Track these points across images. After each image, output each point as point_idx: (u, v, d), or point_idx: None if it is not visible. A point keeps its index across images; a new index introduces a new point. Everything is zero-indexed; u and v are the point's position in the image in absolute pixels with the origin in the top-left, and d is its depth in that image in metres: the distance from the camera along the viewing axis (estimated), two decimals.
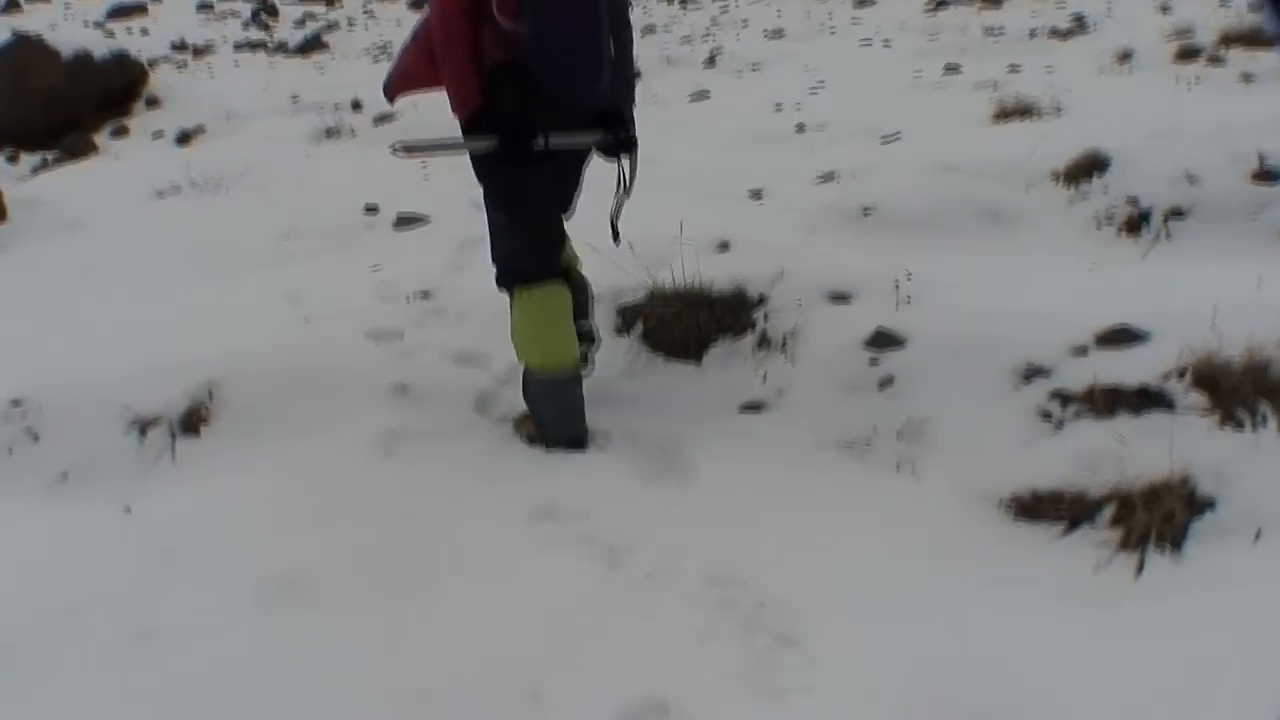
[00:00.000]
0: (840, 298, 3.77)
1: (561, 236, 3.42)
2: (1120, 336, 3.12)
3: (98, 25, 38.40)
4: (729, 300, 3.82)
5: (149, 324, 4.40)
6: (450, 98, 3.07)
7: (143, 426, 3.43)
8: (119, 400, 3.50)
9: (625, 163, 3.36)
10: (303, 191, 7.46)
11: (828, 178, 5.65)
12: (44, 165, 13.31)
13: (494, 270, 3.38)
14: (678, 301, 3.80)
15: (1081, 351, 3.09)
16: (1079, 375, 2.97)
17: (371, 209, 6.36)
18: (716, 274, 3.93)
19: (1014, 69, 9.41)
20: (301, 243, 5.81)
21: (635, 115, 3.35)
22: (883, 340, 3.45)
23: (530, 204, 3.24)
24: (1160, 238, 4.36)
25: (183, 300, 4.85)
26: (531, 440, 3.32)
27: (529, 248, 3.29)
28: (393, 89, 3.30)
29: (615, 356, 3.82)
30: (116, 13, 40.44)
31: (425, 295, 4.57)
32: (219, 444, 3.38)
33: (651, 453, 3.14)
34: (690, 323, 3.72)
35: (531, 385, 3.32)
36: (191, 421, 3.45)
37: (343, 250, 5.58)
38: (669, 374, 3.74)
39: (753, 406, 3.42)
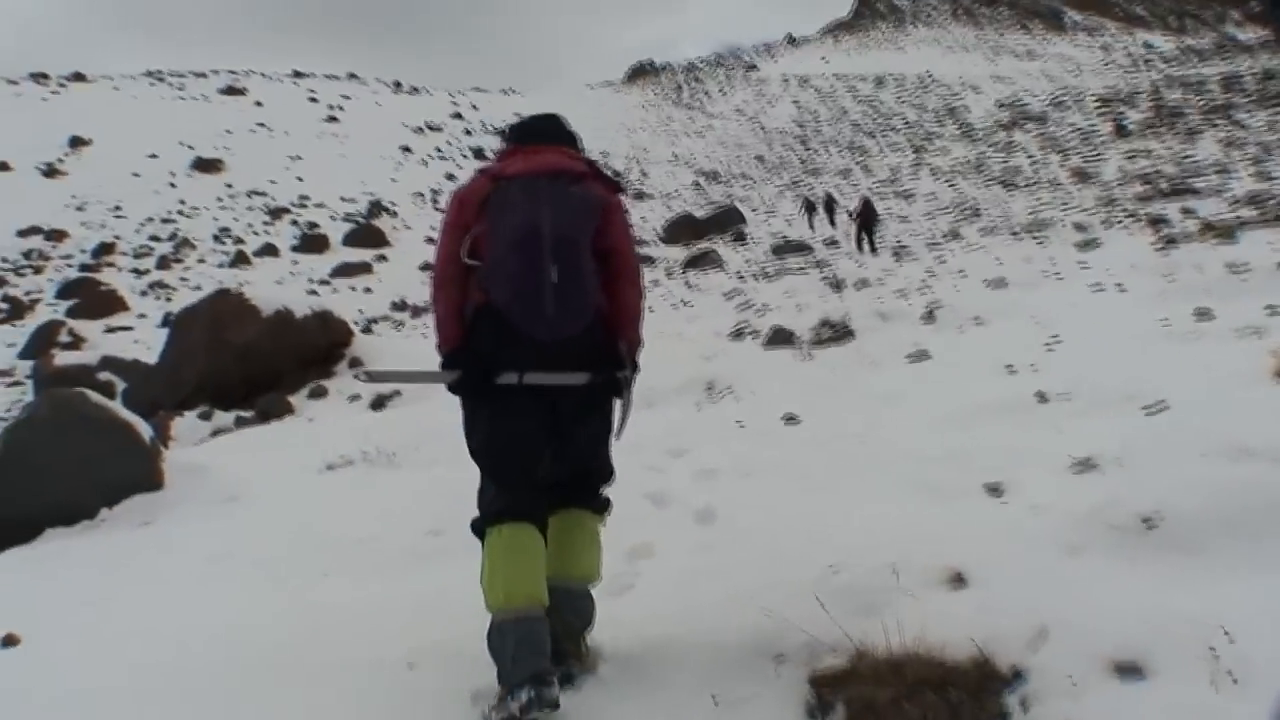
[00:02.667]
0: (1130, 670, 2.64)
1: (535, 478, 3.37)
2: None
3: (323, 282, 41.44)
4: (968, 676, 2.70)
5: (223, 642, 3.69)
6: (436, 336, 3.41)
7: None
8: None
9: (620, 404, 3.41)
10: (470, 472, 6.87)
11: (1085, 466, 4.52)
12: (235, 425, 13.39)
13: None
14: (894, 677, 2.73)
15: None
16: None
17: None
18: (948, 630, 2.87)
19: (1273, 311, 8.14)
20: (448, 540, 5.02)
21: (637, 352, 3.46)
22: None
23: (495, 440, 3.35)
24: None
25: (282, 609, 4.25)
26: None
27: (496, 486, 3.36)
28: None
29: None
30: (342, 270, 43.45)
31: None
32: None
33: None
34: (914, 715, 2.64)
35: (492, 631, 3.12)
36: None
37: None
38: None
39: None
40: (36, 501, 7.09)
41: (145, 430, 8.02)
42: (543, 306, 3.17)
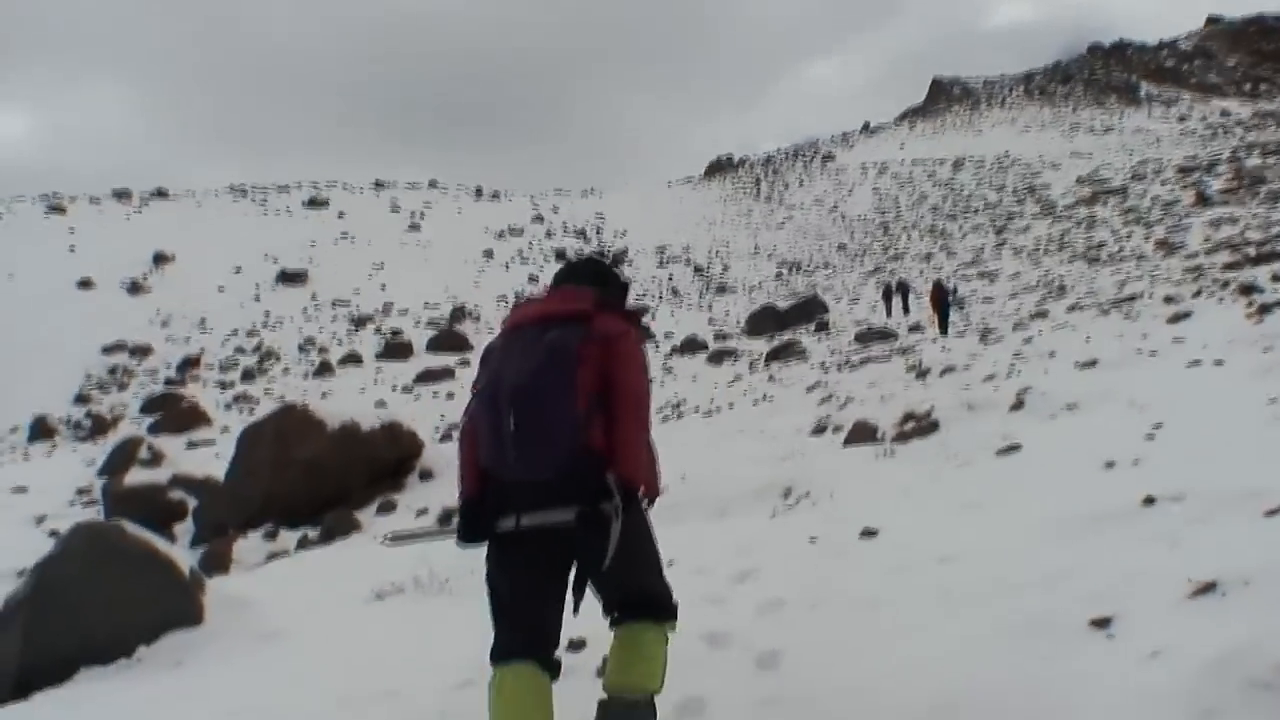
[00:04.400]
0: None
1: (536, 623, 3.48)
2: None
3: (405, 389, 41.48)
4: None
5: None
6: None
7: None
8: None
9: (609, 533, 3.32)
10: None
11: (1209, 591, 3.88)
12: (297, 546, 13.02)
13: None
14: None
15: None
16: None
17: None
18: None
19: None
20: (477, 693, 4.49)
21: (628, 488, 3.37)
22: None
23: (499, 584, 3.51)
24: None
25: None
26: None
27: (499, 627, 3.51)
28: None
29: None
30: (425, 376, 43.48)
31: None
32: None
33: None
34: None
35: None
36: None
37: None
38: None
39: None
40: (70, 641, 6.73)
41: (185, 563, 7.65)
42: (504, 455, 3.32)
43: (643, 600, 3.66)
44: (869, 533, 6.32)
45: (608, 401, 3.42)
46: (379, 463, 15.22)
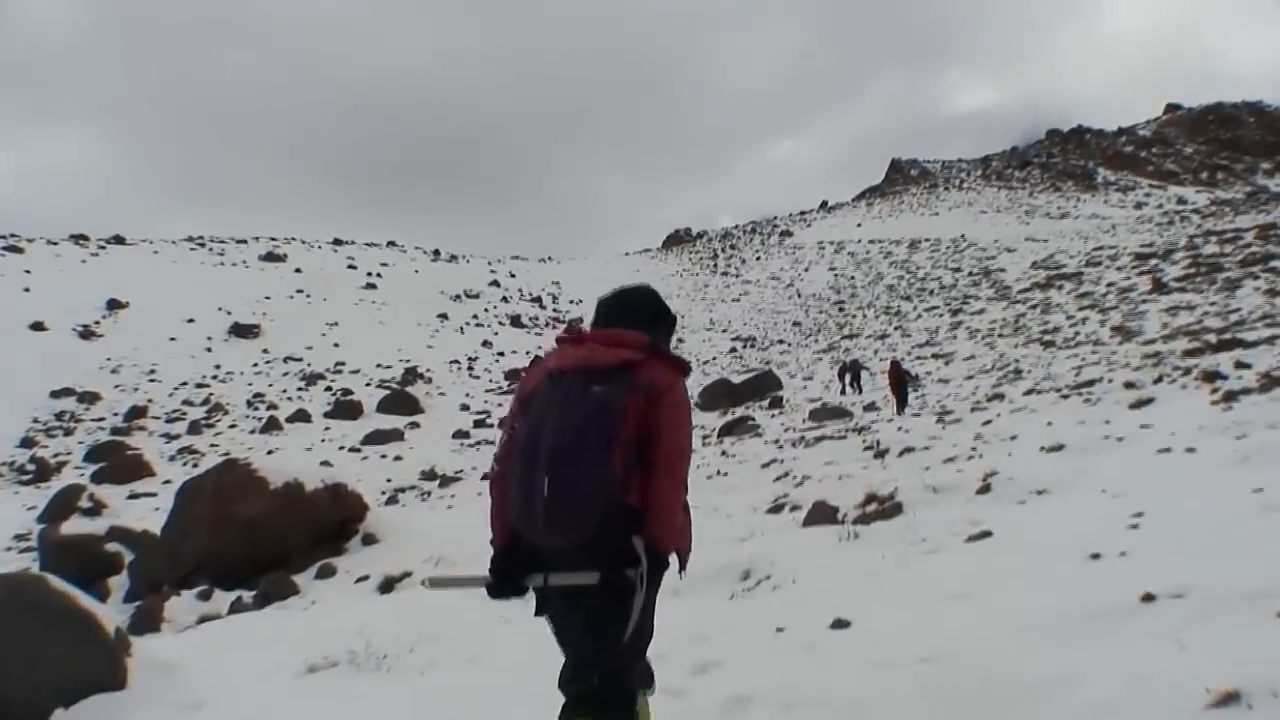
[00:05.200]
0: None
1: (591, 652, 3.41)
2: None
3: (354, 449, 40.63)
4: None
5: None
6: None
7: None
8: None
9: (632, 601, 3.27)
10: (471, 683, 5.94)
11: (1230, 700, 3.46)
12: (230, 610, 12.39)
13: None
14: None
15: None
16: None
17: None
18: None
19: None
20: None
21: (661, 548, 3.30)
22: None
23: (550, 623, 3.51)
24: None
25: None
26: None
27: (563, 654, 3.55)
28: None
29: None
30: (374, 437, 42.66)
31: None
32: None
33: None
34: None
35: None
36: None
37: None
38: None
39: None
40: None
41: (110, 621, 7.06)
42: (534, 517, 3.21)
43: (612, 690, 3.43)
44: (841, 624, 5.82)
45: (645, 454, 3.31)
46: (322, 524, 14.58)
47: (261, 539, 14.03)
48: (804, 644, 5.57)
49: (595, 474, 3.19)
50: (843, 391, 37.23)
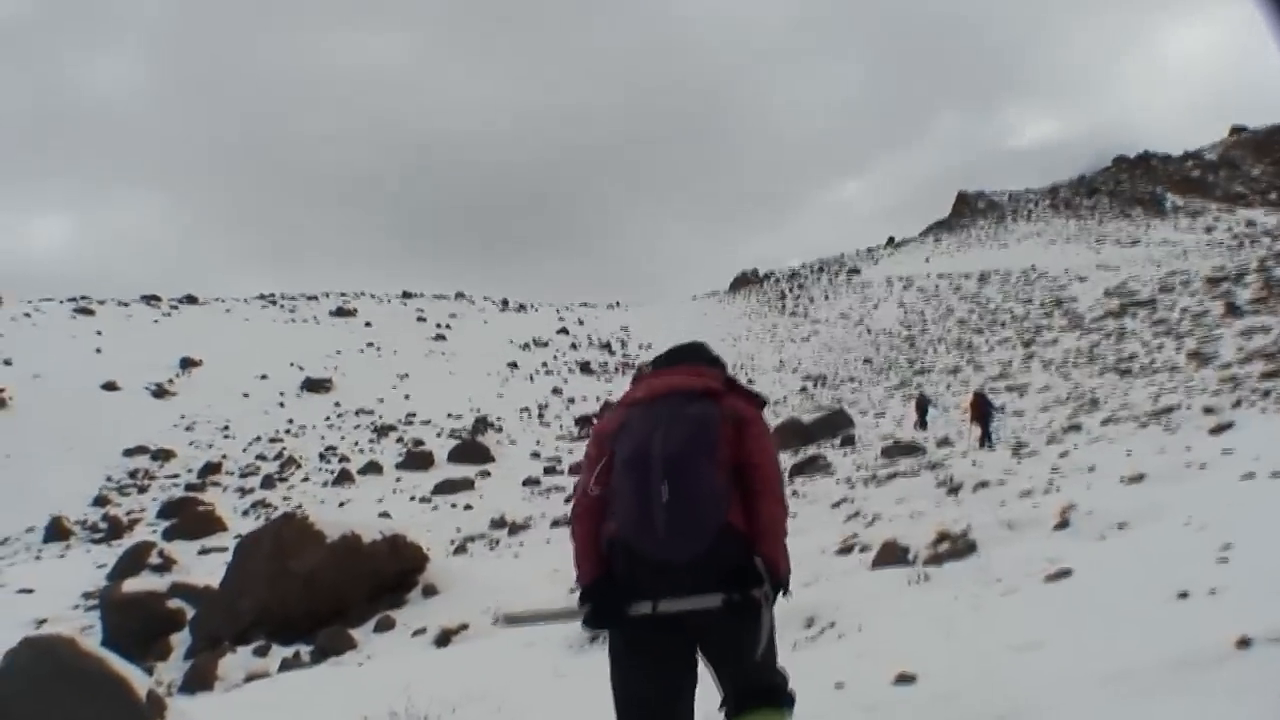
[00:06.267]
0: None
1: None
2: None
3: (424, 500, 40.53)
4: None
5: None
6: (575, 570, 3.45)
7: None
8: None
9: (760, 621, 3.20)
10: None
11: None
12: (287, 664, 12.24)
13: None
14: None
15: None
16: None
17: None
18: None
19: None
20: None
21: (779, 569, 3.28)
22: None
23: (629, 679, 3.34)
24: None
25: None
26: None
27: None
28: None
29: None
30: (444, 487, 42.55)
31: None
32: None
33: None
34: None
35: None
36: None
37: None
38: None
39: None
40: None
41: (142, 685, 6.88)
42: (655, 527, 3.17)
43: (765, 688, 3.43)
44: (905, 679, 5.40)
45: (742, 478, 3.32)
46: (380, 576, 14.43)
47: (319, 592, 13.91)
48: (865, 704, 5.15)
49: (709, 482, 3.22)
50: (917, 425, 36.52)
